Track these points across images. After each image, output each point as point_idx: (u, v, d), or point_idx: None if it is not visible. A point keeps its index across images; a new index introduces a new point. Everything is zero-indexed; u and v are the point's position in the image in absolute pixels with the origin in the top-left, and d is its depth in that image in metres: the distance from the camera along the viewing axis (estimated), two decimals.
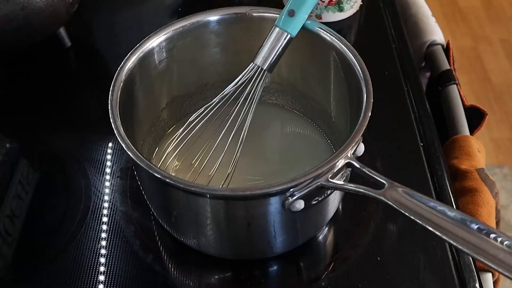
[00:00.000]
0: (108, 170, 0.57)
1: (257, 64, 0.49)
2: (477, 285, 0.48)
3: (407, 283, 0.48)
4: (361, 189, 0.40)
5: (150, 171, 0.41)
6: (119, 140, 0.42)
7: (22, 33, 0.62)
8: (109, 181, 0.56)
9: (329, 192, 0.43)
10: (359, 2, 0.74)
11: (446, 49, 0.71)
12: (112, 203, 0.54)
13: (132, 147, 0.42)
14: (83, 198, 0.55)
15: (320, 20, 0.72)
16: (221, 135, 0.49)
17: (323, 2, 0.70)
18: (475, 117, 0.63)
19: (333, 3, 0.70)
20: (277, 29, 0.48)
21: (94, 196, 0.55)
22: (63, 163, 0.59)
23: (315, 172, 0.40)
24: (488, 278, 0.50)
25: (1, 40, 0.62)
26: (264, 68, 0.49)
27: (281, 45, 0.49)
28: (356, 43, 0.49)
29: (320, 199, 0.42)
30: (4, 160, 0.59)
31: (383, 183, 0.40)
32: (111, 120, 0.44)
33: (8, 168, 0.58)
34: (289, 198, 0.40)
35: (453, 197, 0.54)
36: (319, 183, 0.41)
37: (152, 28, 0.74)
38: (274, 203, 0.41)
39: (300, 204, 0.41)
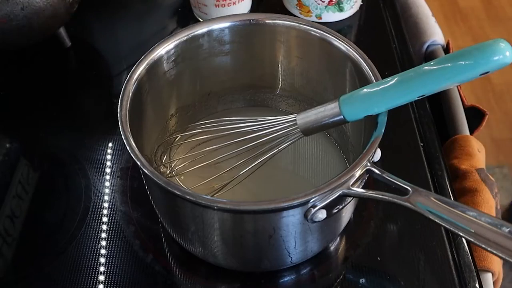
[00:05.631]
0: (108, 170, 0.57)
1: (297, 121, 0.46)
2: (477, 285, 0.48)
3: (407, 283, 0.48)
4: (385, 196, 0.40)
5: (181, 194, 0.39)
6: (134, 158, 0.41)
7: (22, 33, 0.62)
8: (109, 181, 0.56)
9: (349, 200, 0.43)
10: (359, 2, 0.74)
11: (446, 49, 0.71)
12: (112, 203, 0.54)
13: (149, 165, 0.41)
14: (83, 198, 0.55)
15: (320, 20, 0.72)
16: (233, 146, 0.48)
17: (323, 2, 0.70)
18: (475, 117, 0.63)
19: (333, 3, 0.70)
20: (337, 105, 0.44)
21: (94, 196, 0.55)
22: (63, 163, 0.59)
23: (337, 181, 0.40)
24: (488, 278, 0.50)
25: (1, 40, 0.62)
26: (300, 129, 0.46)
27: (330, 121, 0.45)
28: (356, 43, 0.49)
29: (340, 207, 0.42)
30: (4, 160, 0.59)
31: (406, 189, 0.40)
32: (123, 137, 0.42)
33: (8, 168, 0.58)
34: (312, 208, 0.40)
35: (453, 197, 0.54)
36: (341, 192, 0.40)
37: (152, 28, 0.75)
38: (297, 214, 0.41)
39: (323, 214, 0.40)
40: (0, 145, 0.61)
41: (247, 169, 0.47)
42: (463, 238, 0.50)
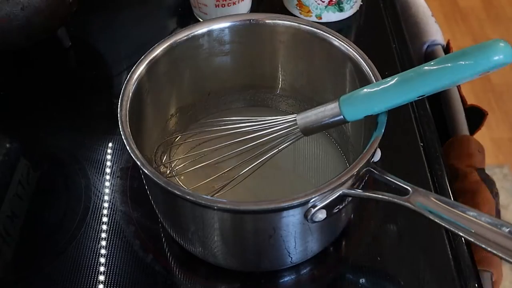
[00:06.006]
0: (108, 170, 0.57)
1: (297, 121, 0.46)
2: (477, 285, 0.48)
3: (407, 283, 0.48)
4: (385, 196, 0.40)
5: (181, 194, 0.39)
6: (134, 158, 0.41)
7: (22, 33, 0.62)
8: (109, 181, 0.56)
9: (349, 200, 0.43)
10: (359, 2, 0.74)
11: (446, 49, 0.71)
12: (112, 203, 0.54)
13: (149, 165, 0.41)
14: (83, 198, 0.55)
15: (320, 20, 0.72)
16: (233, 146, 0.48)
17: (323, 2, 0.70)
18: (475, 117, 0.63)
19: (333, 3, 0.70)
20: (337, 105, 0.44)
21: (94, 196, 0.55)
22: (63, 163, 0.59)
23: (338, 181, 0.40)
24: (488, 278, 0.50)
25: (1, 40, 0.62)
26: (300, 129, 0.46)
27: (330, 121, 0.45)
28: (356, 43, 0.49)
29: (340, 207, 0.42)
30: (4, 160, 0.59)
31: (406, 189, 0.40)
32: (123, 137, 0.42)
33: (8, 168, 0.58)
34: (312, 209, 0.40)
35: (453, 197, 0.54)
36: (341, 192, 0.40)
37: (152, 28, 0.75)
38: (297, 214, 0.41)
39: (323, 214, 0.40)
40: (0, 145, 0.61)
41: (247, 169, 0.47)
42: (463, 238, 0.50)
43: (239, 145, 0.48)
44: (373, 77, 0.46)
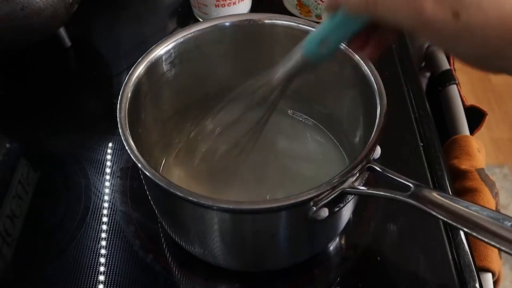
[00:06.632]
0: (108, 170, 0.57)
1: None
2: (477, 285, 0.48)
3: (407, 283, 0.48)
4: (387, 193, 0.40)
5: (182, 196, 0.39)
6: (134, 159, 0.41)
7: (22, 33, 0.62)
8: (109, 181, 0.56)
9: (350, 198, 0.43)
10: None
11: None
12: (112, 203, 0.54)
13: (149, 167, 0.41)
14: (83, 198, 0.55)
15: (320, 20, 0.72)
16: (234, 142, 0.48)
17: (323, 2, 0.70)
18: (475, 117, 0.63)
19: None
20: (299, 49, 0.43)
21: (94, 196, 0.55)
22: (63, 163, 0.59)
23: (339, 179, 0.40)
24: (488, 278, 0.50)
25: (1, 40, 0.63)
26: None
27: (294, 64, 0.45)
28: None
29: (342, 205, 0.42)
30: (4, 160, 0.59)
31: (408, 185, 0.40)
32: (122, 138, 0.42)
33: (8, 168, 0.58)
34: (314, 207, 0.40)
35: None
36: (343, 190, 0.40)
37: (152, 28, 0.75)
38: (299, 213, 0.41)
39: (325, 212, 0.40)
40: (0, 145, 0.61)
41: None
42: (463, 238, 0.50)
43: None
44: (372, 78, 0.46)
